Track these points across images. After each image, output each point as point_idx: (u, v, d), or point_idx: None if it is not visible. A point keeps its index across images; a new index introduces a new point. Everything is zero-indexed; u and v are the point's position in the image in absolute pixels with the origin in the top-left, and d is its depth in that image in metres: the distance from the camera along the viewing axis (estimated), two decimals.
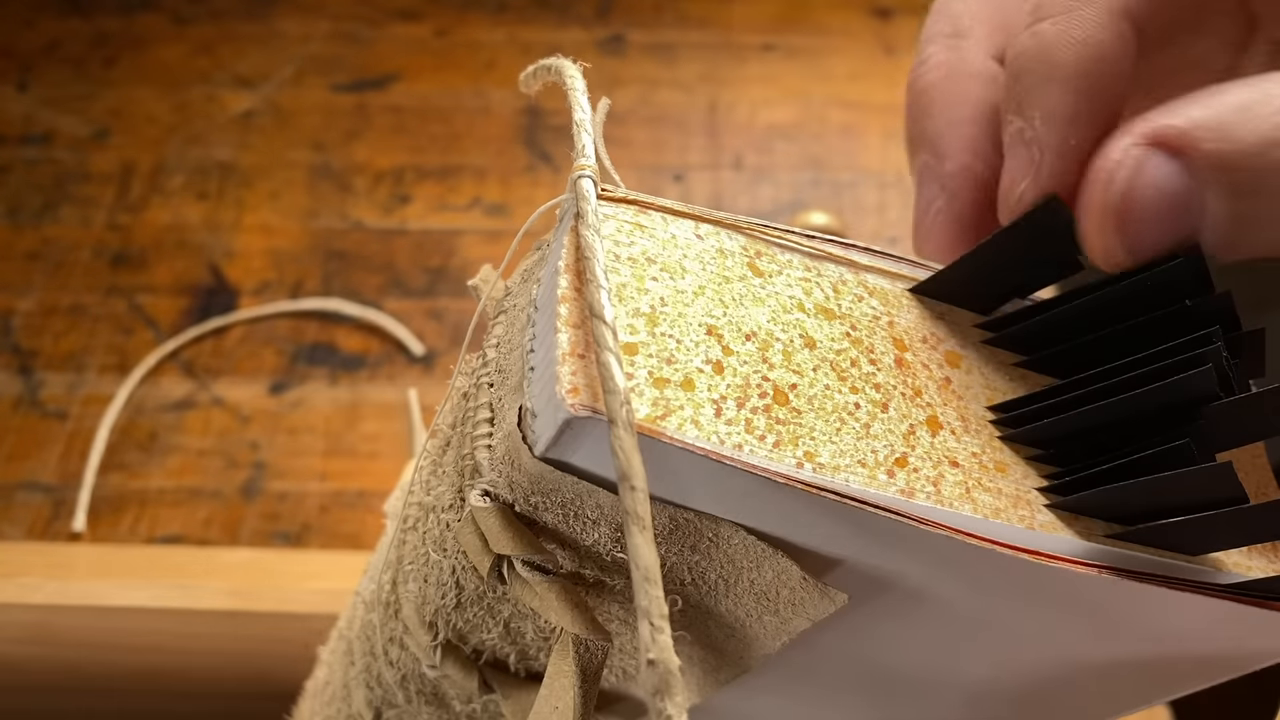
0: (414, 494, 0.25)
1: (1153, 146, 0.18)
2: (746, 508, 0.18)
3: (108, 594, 0.48)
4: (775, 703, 0.26)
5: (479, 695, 0.24)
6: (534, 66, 0.21)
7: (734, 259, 0.19)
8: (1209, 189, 0.18)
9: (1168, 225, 0.19)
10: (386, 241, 0.68)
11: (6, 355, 0.63)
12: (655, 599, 0.15)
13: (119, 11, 0.80)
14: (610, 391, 0.16)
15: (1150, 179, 0.18)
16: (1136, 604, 0.20)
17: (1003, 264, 0.21)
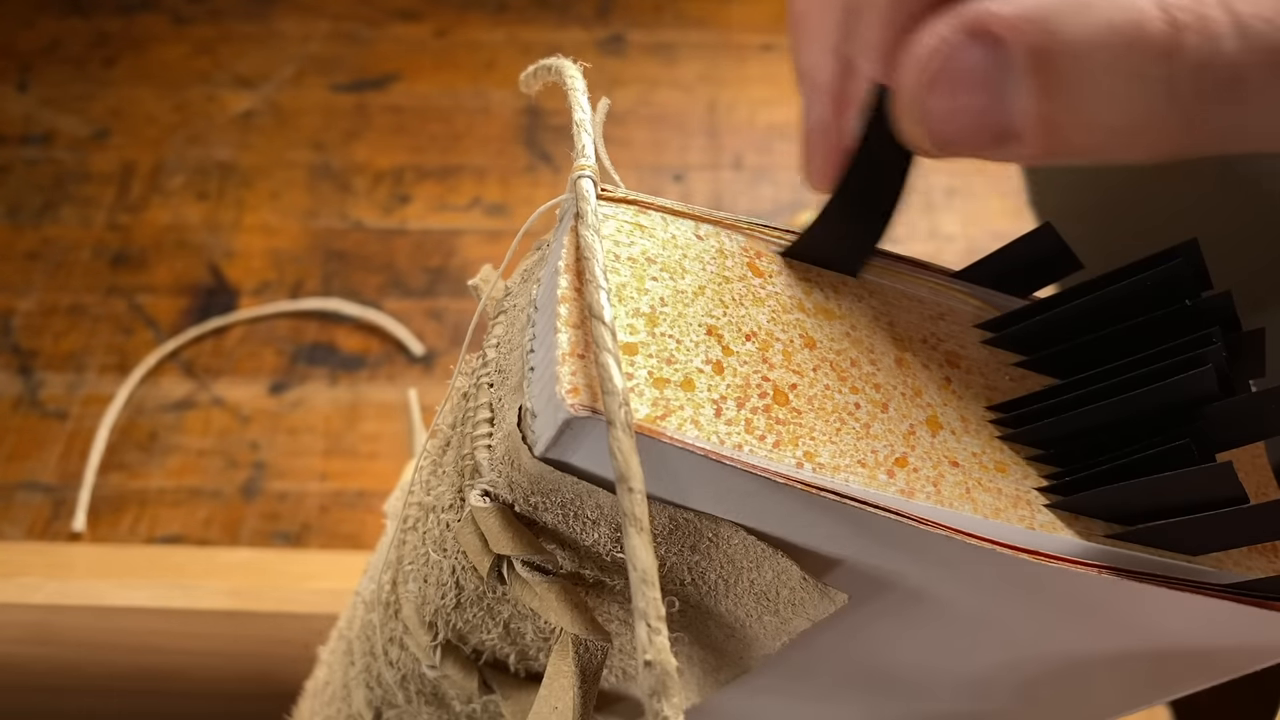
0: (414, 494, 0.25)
1: (971, 34, 0.17)
2: (746, 508, 0.18)
3: (108, 594, 0.48)
4: (775, 702, 0.26)
5: (479, 695, 0.24)
6: (534, 66, 0.21)
7: (734, 259, 0.19)
8: (1023, 84, 0.17)
9: (974, 118, 0.17)
10: (386, 241, 0.68)
11: (6, 355, 0.63)
12: (653, 601, 0.15)
13: (119, 11, 0.80)
14: (609, 393, 0.16)
15: (961, 68, 0.17)
16: (1136, 604, 0.20)
17: (859, 189, 0.20)
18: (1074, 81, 0.16)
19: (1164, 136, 0.16)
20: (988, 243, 0.68)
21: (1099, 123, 0.16)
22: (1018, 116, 0.17)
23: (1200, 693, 0.24)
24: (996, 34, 0.17)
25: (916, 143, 0.18)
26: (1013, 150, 0.17)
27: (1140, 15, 0.16)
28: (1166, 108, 0.16)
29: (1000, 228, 0.70)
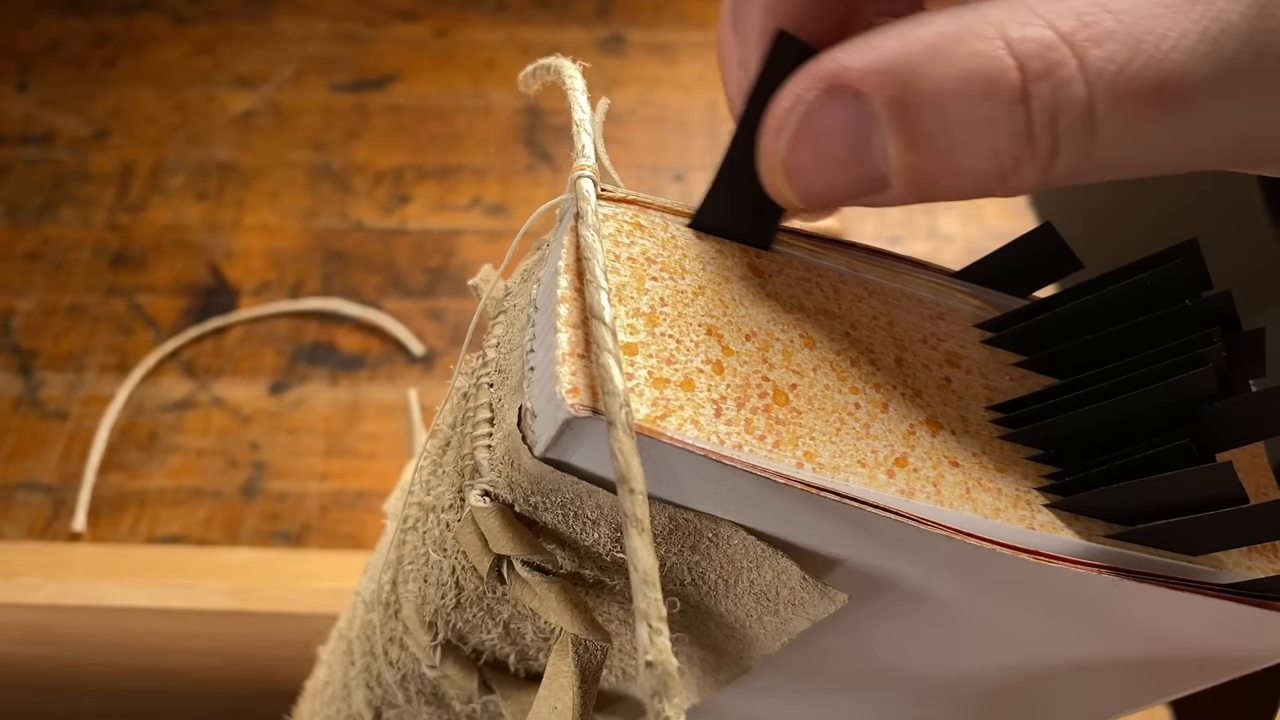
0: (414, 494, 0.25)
1: (828, 90, 0.17)
2: (746, 508, 0.18)
3: (108, 594, 0.48)
4: (776, 703, 0.26)
5: (479, 695, 0.24)
6: (533, 66, 0.21)
7: (734, 259, 0.19)
8: (887, 136, 0.17)
9: (840, 171, 0.18)
10: (386, 241, 0.68)
11: (6, 355, 0.63)
12: (654, 601, 0.15)
13: (119, 11, 0.80)
14: (610, 394, 0.16)
15: (822, 124, 0.17)
16: (1136, 604, 0.20)
17: (746, 162, 0.19)
18: (936, 131, 0.17)
19: (1026, 176, 0.17)
20: (988, 243, 0.68)
21: (964, 168, 0.17)
22: (884, 166, 0.17)
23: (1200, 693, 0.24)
24: (855, 88, 0.17)
25: (781, 196, 0.19)
26: (883, 197, 0.18)
27: (993, 64, 0.16)
28: (1025, 150, 0.16)
29: (1000, 228, 0.70)
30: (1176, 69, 0.16)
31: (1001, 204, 0.71)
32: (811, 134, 0.18)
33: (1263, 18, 0.15)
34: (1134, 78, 0.16)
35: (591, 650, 0.20)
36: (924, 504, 0.18)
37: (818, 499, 0.17)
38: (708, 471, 0.17)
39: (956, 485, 0.18)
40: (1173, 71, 0.16)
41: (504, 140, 0.74)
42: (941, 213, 0.70)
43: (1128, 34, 0.16)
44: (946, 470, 0.18)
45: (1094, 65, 0.16)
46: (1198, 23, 0.16)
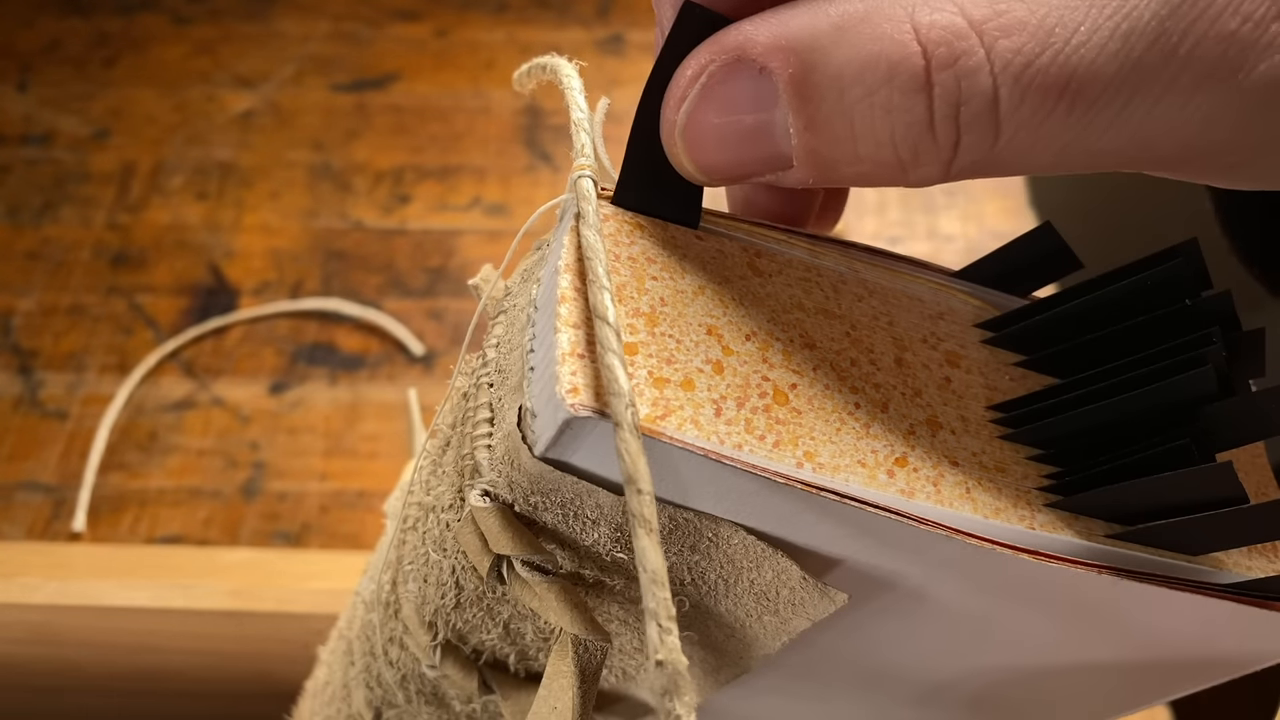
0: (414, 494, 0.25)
1: (734, 62, 0.17)
2: (746, 507, 0.18)
3: (108, 594, 0.48)
4: (776, 703, 0.26)
5: (478, 695, 0.24)
6: (528, 65, 0.21)
7: (734, 259, 0.19)
8: (791, 118, 0.17)
9: (742, 149, 0.17)
10: (386, 241, 0.68)
11: (6, 355, 0.63)
12: (663, 601, 0.15)
13: (119, 11, 0.80)
14: (615, 394, 0.16)
15: (724, 99, 0.17)
16: (1136, 604, 0.20)
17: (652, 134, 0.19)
18: (835, 114, 0.16)
19: (927, 168, 0.16)
20: (988, 243, 0.68)
21: (863, 155, 0.16)
22: (785, 145, 0.17)
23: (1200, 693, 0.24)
24: (759, 63, 0.17)
25: (682, 167, 0.18)
26: (787, 177, 0.17)
27: (897, 49, 0.16)
28: (926, 141, 0.16)
29: (1000, 228, 0.69)
30: (1083, 66, 0.15)
31: (1001, 204, 0.71)
32: (712, 106, 0.17)
33: (1174, 18, 0.15)
34: (1039, 72, 0.15)
35: (591, 650, 0.20)
36: (924, 504, 0.18)
37: (818, 499, 0.17)
38: (708, 471, 0.17)
39: (956, 485, 0.18)
40: (1079, 68, 0.15)
41: (504, 140, 0.74)
42: (941, 212, 0.70)
43: (1038, 25, 0.15)
44: (946, 470, 0.18)
45: (1001, 56, 0.15)
46: (1110, 18, 0.15)
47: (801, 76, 0.16)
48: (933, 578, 0.20)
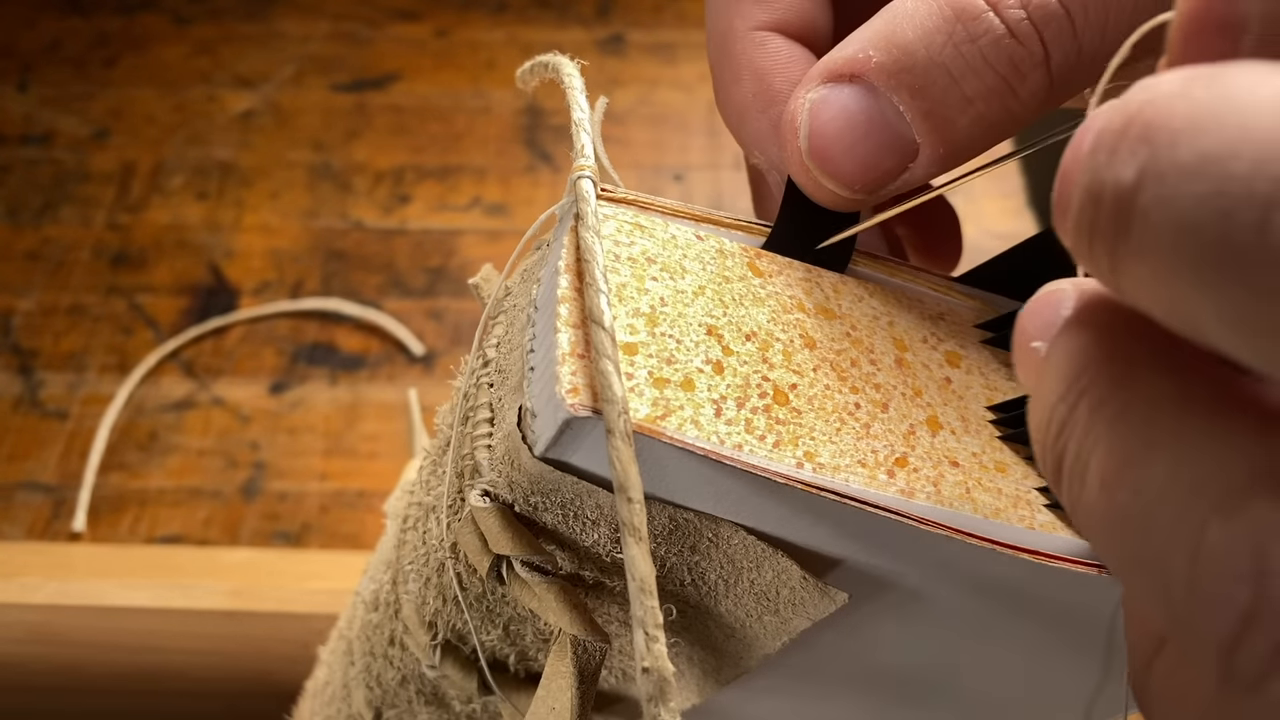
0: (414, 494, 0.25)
1: (828, 82, 0.19)
2: (746, 507, 0.18)
3: (108, 594, 0.48)
4: (776, 703, 0.26)
5: (478, 695, 0.24)
6: (530, 63, 0.21)
7: (734, 259, 0.19)
8: (895, 97, 0.18)
9: (868, 148, 0.19)
10: (386, 241, 0.68)
11: (6, 355, 0.63)
12: (650, 609, 0.15)
13: (119, 11, 0.80)
14: (609, 401, 0.16)
15: (831, 114, 0.19)
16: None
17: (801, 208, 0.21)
18: (930, 70, 0.18)
19: (1032, 74, 0.18)
20: (988, 243, 0.68)
21: (972, 91, 0.18)
22: (901, 126, 0.18)
23: None
24: (847, 72, 0.19)
25: (822, 189, 0.20)
26: (918, 167, 0.19)
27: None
28: (1015, 48, 0.18)
29: (1000, 228, 0.69)
30: None
31: (1001, 204, 0.71)
32: (825, 121, 0.19)
33: None
34: None
35: (590, 651, 0.20)
36: (924, 504, 0.18)
37: (818, 499, 0.17)
38: (707, 471, 0.17)
39: (956, 485, 0.18)
40: None
41: (504, 140, 0.74)
42: None
43: None
44: (946, 470, 0.18)
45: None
46: None
47: (888, 61, 0.18)
48: (933, 578, 0.20)
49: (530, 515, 0.19)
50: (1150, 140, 0.10)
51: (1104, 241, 0.11)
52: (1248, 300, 0.10)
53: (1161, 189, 0.10)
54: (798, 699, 0.26)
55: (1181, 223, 0.10)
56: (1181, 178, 0.10)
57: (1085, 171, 0.12)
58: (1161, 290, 0.11)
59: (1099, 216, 0.11)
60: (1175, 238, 0.10)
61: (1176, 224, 0.10)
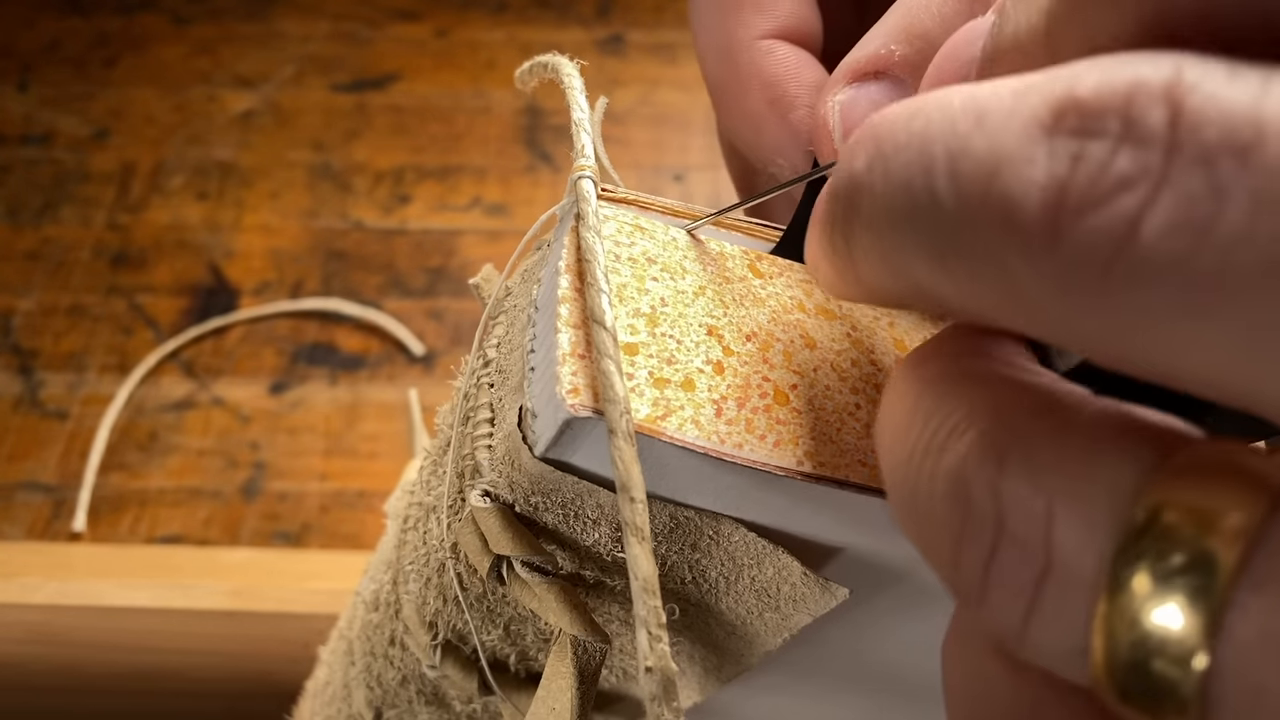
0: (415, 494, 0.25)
1: (854, 82, 0.19)
2: (747, 503, 0.18)
3: (108, 594, 0.48)
4: (779, 701, 0.26)
5: (479, 695, 0.24)
6: (530, 63, 0.21)
7: (735, 260, 0.19)
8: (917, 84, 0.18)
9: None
10: (386, 241, 0.68)
11: (6, 355, 0.63)
12: (653, 609, 0.15)
13: (119, 11, 0.80)
14: (611, 401, 0.16)
15: (863, 111, 0.19)
16: None
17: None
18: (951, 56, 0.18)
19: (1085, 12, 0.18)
20: None
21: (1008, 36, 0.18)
22: None
23: None
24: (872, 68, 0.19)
25: None
26: None
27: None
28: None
29: None
30: None
31: None
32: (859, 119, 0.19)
33: None
34: None
35: (590, 651, 0.20)
36: None
37: (818, 489, 0.17)
38: (708, 469, 0.17)
39: None
40: None
41: (504, 140, 0.74)
42: None
43: None
44: None
45: None
46: None
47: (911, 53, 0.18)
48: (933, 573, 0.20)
49: (531, 515, 0.19)
50: (876, 134, 0.13)
51: (841, 225, 0.13)
52: (941, 242, 0.12)
53: (883, 164, 0.12)
54: (800, 697, 0.26)
55: (895, 185, 0.12)
56: (896, 152, 0.12)
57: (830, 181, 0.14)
58: (887, 250, 0.13)
59: (837, 207, 0.13)
60: (891, 198, 0.12)
61: (892, 187, 0.12)
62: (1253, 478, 0.11)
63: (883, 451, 0.14)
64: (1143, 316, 0.10)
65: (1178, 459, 0.11)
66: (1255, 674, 0.10)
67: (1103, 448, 0.11)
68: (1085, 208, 0.10)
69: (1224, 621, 0.10)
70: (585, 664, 0.20)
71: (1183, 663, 0.10)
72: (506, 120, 0.75)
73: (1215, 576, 0.10)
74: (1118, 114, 0.10)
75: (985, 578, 0.12)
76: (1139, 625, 0.10)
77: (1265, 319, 0.09)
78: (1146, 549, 0.11)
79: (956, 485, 0.12)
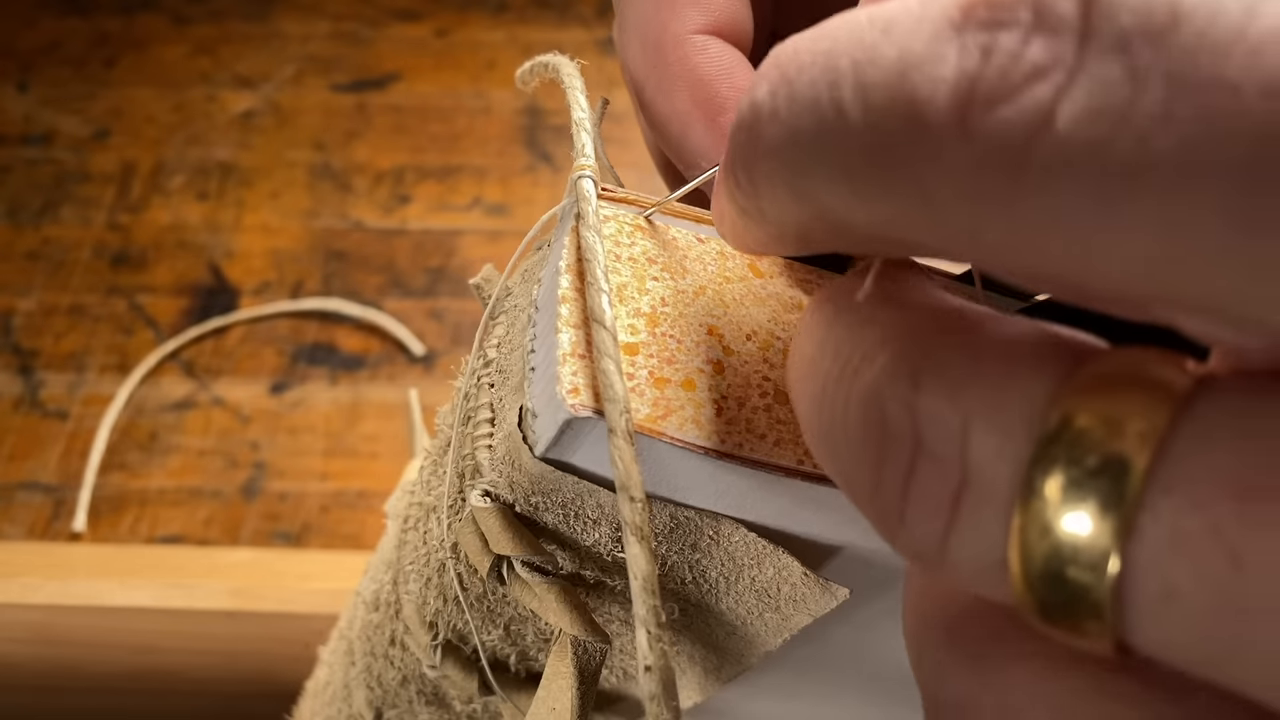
0: (415, 494, 0.25)
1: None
2: (747, 503, 0.18)
3: (108, 594, 0.48)
4: (780, 702, 0.26)
5: (479, 696, 0.24)
6: (530, 63, 0.21)
7: (735, 260, 0.19)
8: None
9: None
10: (386, 241, 0.68)
11: (7, 355, 0.63)
12: (653, 609, 0.15)
13: (119, 11, 0.80)
14: (610, 400, 0.16)
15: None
16: None
17: None
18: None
19: None
20: None
21: None
22: None
23: None
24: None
25: None
26: None
27: None
28: None
29: None
30: None
31: None
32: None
33: None
34: None
35: (591, 651, 0.20)
36: None
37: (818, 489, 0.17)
38: (708, 469, 0.17)
39: None
40: None
41: (504, 140, 0.74)
42: None
43: None
44: None
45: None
46: None
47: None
48: None
49: (531, 515, 0.19)
50: (779, 61, 0.12)
51: (743, 159, 0.13)
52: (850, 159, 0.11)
53: (787, 88, 0.12)
54: (801, 697, 0.26)
55: (800, 106, 0.12)
56: (800, 72, 0.12)
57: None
58: (792, 178, 0.12)
59: (739, 137, 0.13)
60: (796, 119, 0.12)
61: (797, 108, 0.12)
62: (1161, 382, 0.10)
63: (794, 387, 0.14)
64: (1057, 218, 0.10)
65: (1088, 368, 0.11)
66: (1166, 575, 0.10)
67: (1016, 360, 0.11)
68: (996, 100, 0.10)
69: (1135, 525, 0.10)
70: (585, 664, 0.20)
71: (1096, 568, 0.10)
72: (507, 120, 0.75)
73: (1127, 480, 0.10)
74: (1028, 3, 0.10)
75: (904, 498, 0.12)
76: (1052, 532, 0.10)
77: (1181, 213, 0.09)
78: (1058, 455, 0.10)
79: (871, 408, 0.12)
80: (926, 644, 0.13)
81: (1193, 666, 0.10)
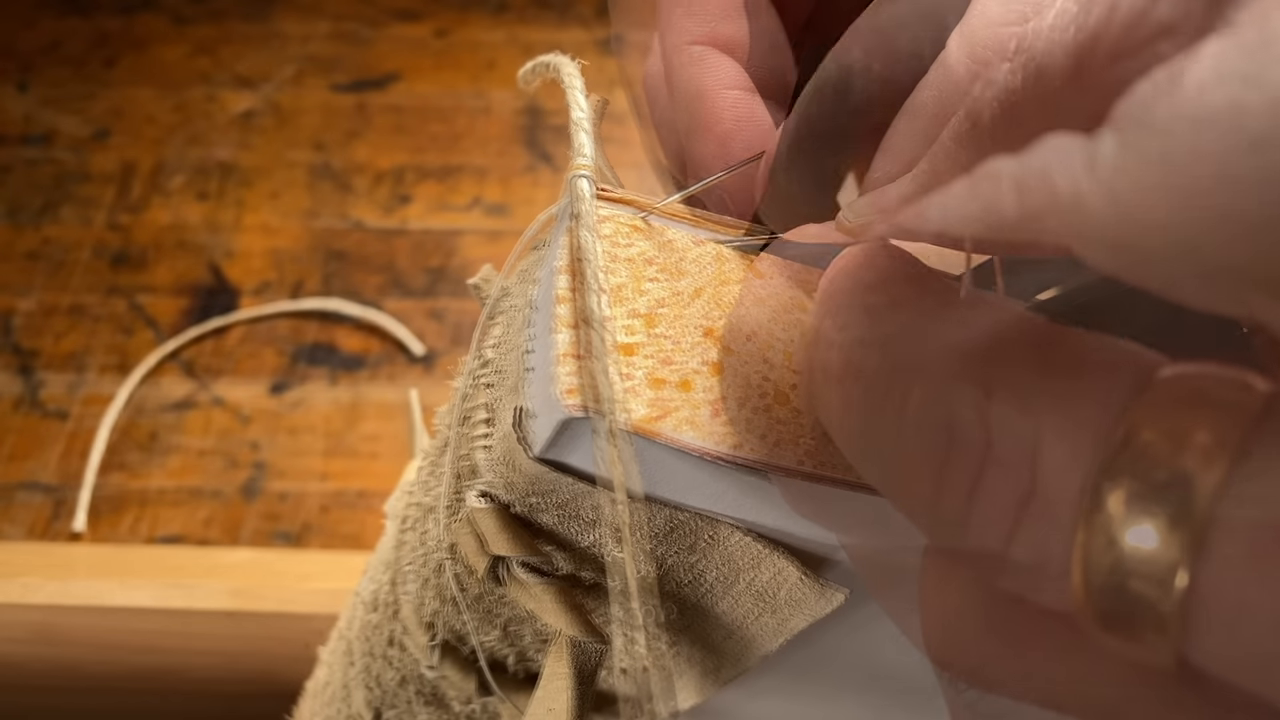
0: (413, 495, 0.25)
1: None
2: (745, 504, 0.18)
3: (108, 594, 0.48)
4: (778, 704, 0.26)
5: (477, 696, 0.24)
6: (532, 63, 0.21)
7: (733, 261, 0.19)
8: None
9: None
10: (386, 241, 0.68)
11: (7, 355, 0.63)
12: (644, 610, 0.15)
13: (119, 11, 0.80)
14: (605, 401, 0.16)
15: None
16: None
17: None
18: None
19: None
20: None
21: None
22: None
23: None
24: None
25: None
26: None
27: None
28: None
29: None
30: None
31: None
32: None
33: None
34: None
35: (588, 651, 0.20)
36: None
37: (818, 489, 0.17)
38: (705, 471, 0.17)
39: None
40: None
41: (504, 140, 0.74)
42: None
43: None
44: None
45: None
46: None
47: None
48: None
49: (528, 516, 0.19)
50: None
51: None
52: None
53: None
54: (800, 699, 0.26)
55: None
56: None
57: None
58: None
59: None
60: None
61: None
62: (1231, 398, 0.11)
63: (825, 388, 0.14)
64: None
65: (1158, 384, 0.11)
66: (1240, 590, 0.10)
67: (1087, 373, 0.11)
68: None
69: (1206, 539, 0.10)
70: (583, 664, 0.20)
71: (1162, 581, 0.10)
72: (507, 120, 0.75)
73: (1194, 495, 0.10)
74: None
75: (969, 503, 0.12)
76: (1118, 544, 0.11)
77: None
78: (1125, 468, 0.11)
79: (936, 412, 0.12)
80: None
81: (1258, 684, 0.10)
